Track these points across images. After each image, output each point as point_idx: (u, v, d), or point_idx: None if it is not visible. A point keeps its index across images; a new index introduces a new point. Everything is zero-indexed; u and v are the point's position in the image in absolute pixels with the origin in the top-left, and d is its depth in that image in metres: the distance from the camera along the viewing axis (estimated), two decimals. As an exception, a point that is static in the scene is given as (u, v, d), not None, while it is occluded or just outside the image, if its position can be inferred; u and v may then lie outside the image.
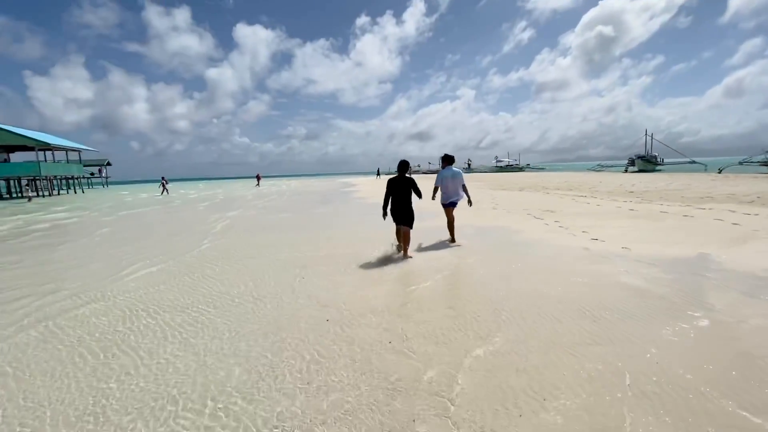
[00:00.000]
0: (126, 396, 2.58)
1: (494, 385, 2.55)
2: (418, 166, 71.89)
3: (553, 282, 4.64)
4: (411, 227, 6.34)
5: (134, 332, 3.62)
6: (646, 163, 50.79)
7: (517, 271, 5.21)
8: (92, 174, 55.28)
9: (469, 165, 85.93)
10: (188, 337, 3.45)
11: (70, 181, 40.76)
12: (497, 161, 79.45)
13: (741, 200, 12.46)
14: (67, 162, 40.47)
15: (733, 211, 9.85)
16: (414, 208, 6.41)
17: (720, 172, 35.41)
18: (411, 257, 6.17)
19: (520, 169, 73.58)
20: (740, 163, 43.26)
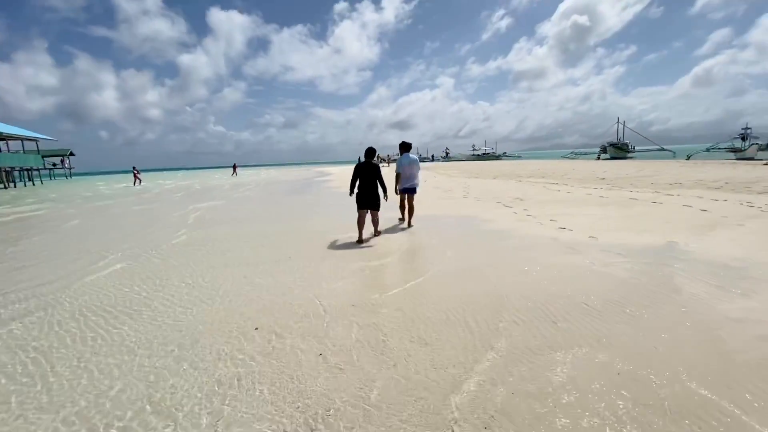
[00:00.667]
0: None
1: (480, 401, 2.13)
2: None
3: (511, 276, 4.26)
4: (377, 209, 6.59)
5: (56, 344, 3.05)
6: (618, 150, 51.89)
7: (478, 265, 4.82)
8: (54, 165, 52.43)
9: (447, 154, 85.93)
10: (93, 353, 2.91)
11: (28, 173, 38.42)
12: (474, 150, 79.76)
13: (709, 186, 12.53)
14: (23, 152, 38.13)
15: (701, 197, 9.81)
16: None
17: (688, 158, 36.37)
18: (380, 233, 6.71)
19: (497, 158, 74.01)
20: (707, 150, 44.64)
